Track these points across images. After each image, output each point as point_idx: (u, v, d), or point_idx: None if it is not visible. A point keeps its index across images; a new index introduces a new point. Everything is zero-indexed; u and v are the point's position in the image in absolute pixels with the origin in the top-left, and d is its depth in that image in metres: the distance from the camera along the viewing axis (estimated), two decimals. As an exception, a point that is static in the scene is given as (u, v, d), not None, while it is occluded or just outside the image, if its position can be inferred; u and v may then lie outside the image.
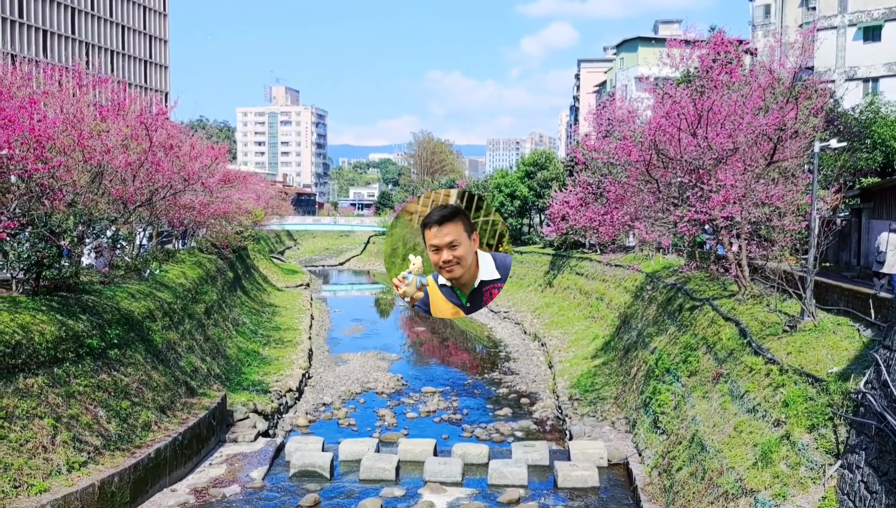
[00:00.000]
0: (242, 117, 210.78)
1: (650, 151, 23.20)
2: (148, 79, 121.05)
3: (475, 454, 21.43)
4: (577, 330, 39.42)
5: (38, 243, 19.39)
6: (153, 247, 37.27)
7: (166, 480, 18.75)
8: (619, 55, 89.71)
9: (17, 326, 17.37)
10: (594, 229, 32.74)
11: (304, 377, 32.21)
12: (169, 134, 31.02)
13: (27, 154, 19.12)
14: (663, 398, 20.95)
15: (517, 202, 64.25)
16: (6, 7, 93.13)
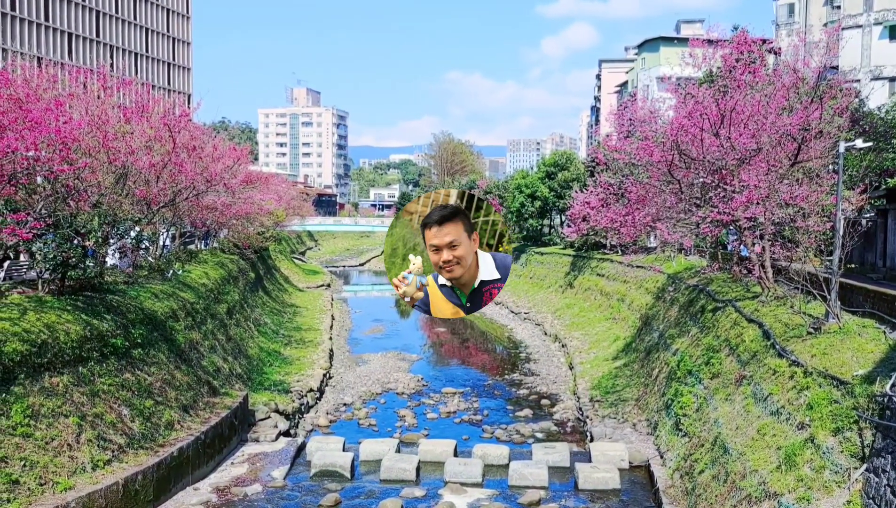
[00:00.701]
0: (264, 119, 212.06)
1: (672, 151, 23.05)
2: (171, 81, 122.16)
3: (495, 455, 21.40)
4: (597, 331, 39.24)
5: (64, 243, 19.63)
6: (176, 247, 37.60)
7: (189, 478, 18.91)
8: (641, 55, 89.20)
9: (43, 325, 17.60)
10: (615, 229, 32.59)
11: (325, 378, 32.34)
12: (192, 135, 31.28)
13: (53, 155, 19.37)
14: (685, 401, 20.80)
15: (538, 203, 64.09)
16: (32, 10, 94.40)
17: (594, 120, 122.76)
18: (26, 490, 14.55)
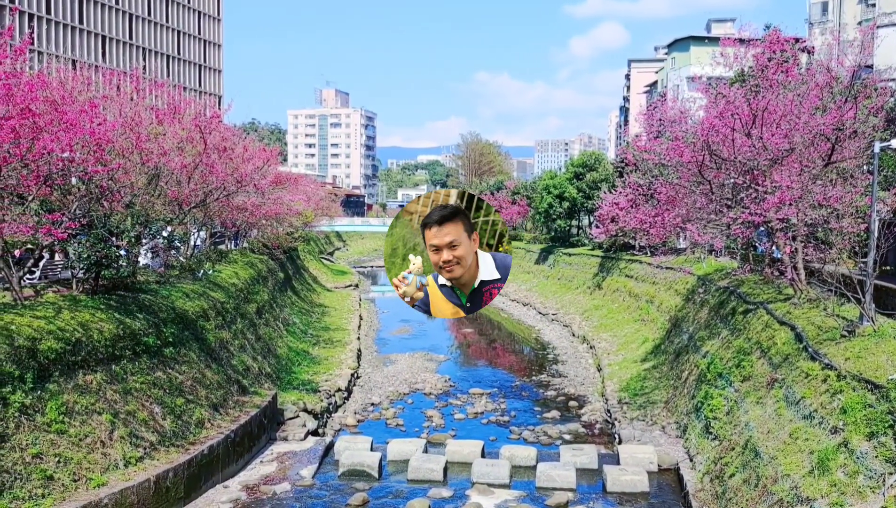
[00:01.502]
0: (293, 120, 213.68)
1: (703, 151, 22.83)
2: (202, 83, 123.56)
3: (523, 456, 21.36)
4: (626, 333, 38.99)
5: (98, 243, 19.95)
6: (207, 247, 38.01)
7: (219, 476, 19.10)
8: (671, 55, 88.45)
9: (77, 324, 17.89)
10: (644, 230, 32.36)
11: (353, 377, 32.49)
12: (223, 137, 31.63)
13: (88, 157, 19.70)
14: (715, 403, 20.59)
15: (566, 204, 63.77)
16: (66, 13, 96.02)
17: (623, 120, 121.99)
18: (60, 485, 14.81)
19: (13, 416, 14.83)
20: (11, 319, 16.26)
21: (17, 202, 18.98)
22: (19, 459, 14.44)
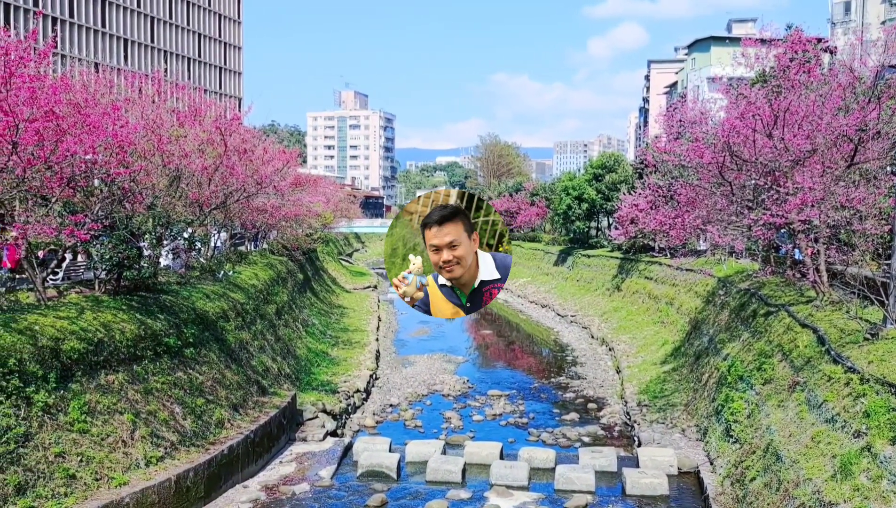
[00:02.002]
0: (312, 122, 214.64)
1: (724, 152, 22.66)
2: (223, 85, 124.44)
3: (542, 458, 21.30)
4: (645, 335, 38.78)
5: (120, 244, 20.14)
6: (227, 249, 38.27)
7: (238, 476, 19.21)
8: (691, 55, 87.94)
9: (100, 324, 18.08)
10: (664, 232, 32.17)
11: (372, 378, 32.56)
12: (243, 139, 31.83)
13: (110, 159, 19.90)
14: (736, 406, 20.43)
15: (585, 205, 63.50)
16: (89, 17, 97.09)
17: (642, 121, 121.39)
18: (83, 484, 14.97)
19: (36, 415, 15.01)
20: (35, 319, 16.46)
21: (41, 204, 19.21)
22: (42, 458, 14.61)
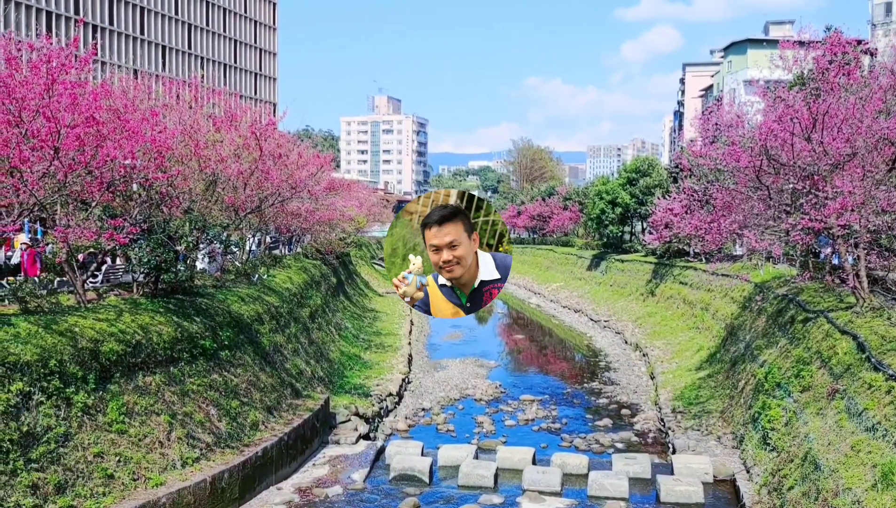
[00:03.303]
0: (346, 126, 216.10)
1: (761, 156, 22.35)
2: (258, 90, 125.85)
3: (574, 464, 21.16)
4: (680, 341, 38.36)
5: (157, 247, 20.45)
6: (261, 252, 38.65)
7: (272, 478, 19.37)
8: (727, 58, 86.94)
9: (138, 326, 18.37)
10: (699, 237, 31.80)
11: (404, 382, 32.64)
12: (278, 144, 32.12)
13: (149, 163, 20.23)
14: (773, 414, 20.11)
15: (619, 210, 63.05)
16: (128, 24, 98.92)
17: (677, 125, 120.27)
18: (120, 484, 15.21)
19: (76, 416, 15.29)
20: (75, 321, 16.78)
21: (81, 208, 19.59)
22: (81, 458, 14.88)
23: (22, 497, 13.36)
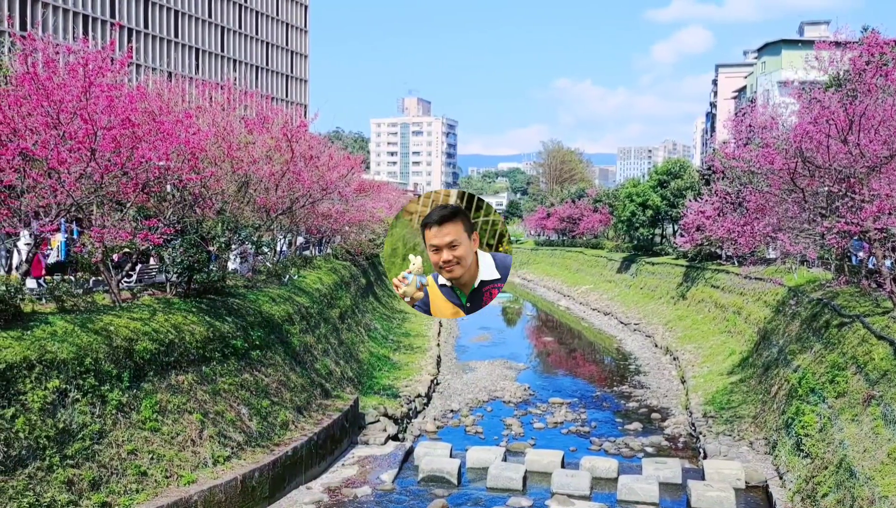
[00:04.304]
0: (376, 128, 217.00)
1: (795, 158, 22.04)
2: (289, 92, 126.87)
3: (604, 468, 21.04)
4: (711, 345, 37.95)
5: (190, 248, 20.70)
6: (292, 253, 38.94)
7: (302, 478, 19.51)
8: (761, 59, 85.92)
9: (171, 326, 18.61)
10: (732, 240, 31.44)
11: (433, 384, 32.67)
12: (309, 145, 32.37)
13: (182, 165, 20.49)
14: (807, 420, 19.82)
15: (649, 212, 62.54)
16: (162, 27, 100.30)
17: (709, 126, 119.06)
18: (153, 481, 15.41)
19: (111, 413, 15.53)
20: (110, 320, 17.05)
21: (117, 209, 19.89)
22: (115, 455, 15.11)
23: (57, 492, 13.60)
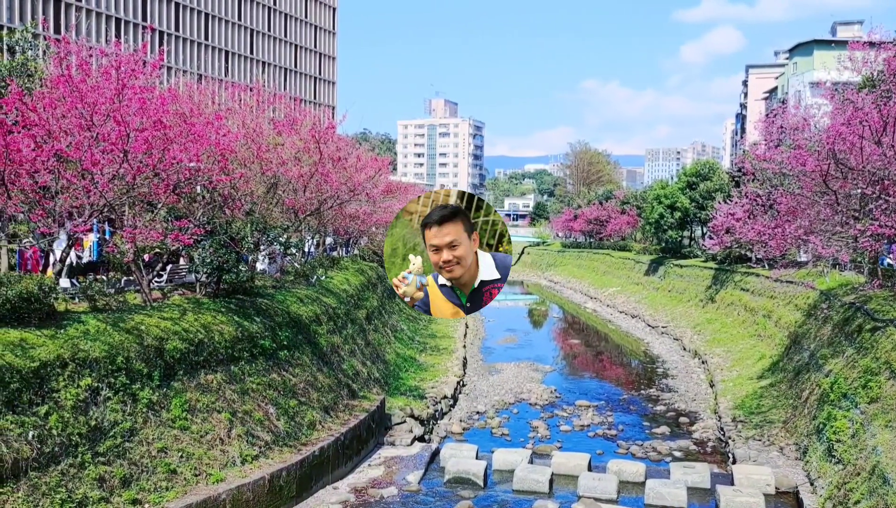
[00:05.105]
0: (403, 130, 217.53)
1: (828, 160, 21.75)
2: (317, 94, 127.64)
3: (631, 471, 20.89)
4: (741, 349, 37.52)
5: (220, 249, 20.90)
6: (320, 254, 39.16)
7: (329, 478, 19.60)
8: (793, 59, 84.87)
9: (200, 325, 18.80)
10: (762, 242, 31.08)
11: (459, 385, 32.66)
12: (337, 147, 32.54)
13: (212, 166, 20.70)
14: (839, 425, 19.52)
15: (677, 214, 61.97)
16: (193, 30, 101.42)
17: (739, 128, 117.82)
18: (182, 479, 15.58)
19: (141, 411, 15.73)
20: (141, 319, 17.27)
21: (148, 209, 20.16)
22: (146, 452, 15.30)
23: (89, 489, 13.80)
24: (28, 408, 13.58)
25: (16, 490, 12.79)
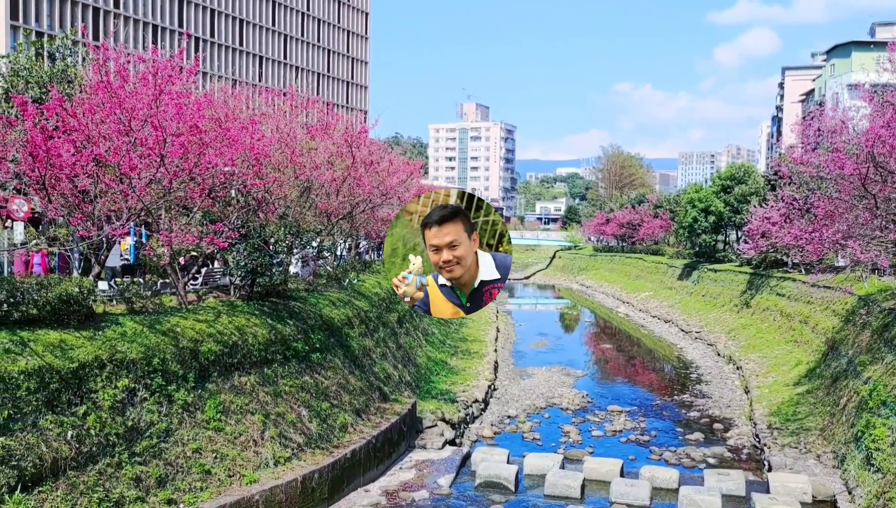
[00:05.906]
0: (434, 133, 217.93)
1: (867, 163, 21.37)
2: (350, 99, 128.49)
3: (664, 478, 20.68)
4: (777, 355, 36.96)
5: (254, 252, 21.13)
6: (352, 257, 39.38)
7: (360, 480, 19.68)
8: (830, 61, 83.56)
9: (234, 328, 19.02)
10: (799, 247, 30.61)
11: (490, 389, 32.61)
12: (369, 151, 32.71)
13: (247, 170, 20.95)
14: (878, 433, 19.14)
15: (712, 218, 61.29)
16: (227, 36, 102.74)
17: (775, 131, 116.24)
18: (216, 480, 15.76)
19: (177, 412, 15.95)
20: (177, 321, 17.51)
21: (184, 213, 20.45)
22: (181, 453, 15.50)
23: (126, 489, 14.02)
24: (67, 408, 13.85)
25: (55, 488, 13.04)
